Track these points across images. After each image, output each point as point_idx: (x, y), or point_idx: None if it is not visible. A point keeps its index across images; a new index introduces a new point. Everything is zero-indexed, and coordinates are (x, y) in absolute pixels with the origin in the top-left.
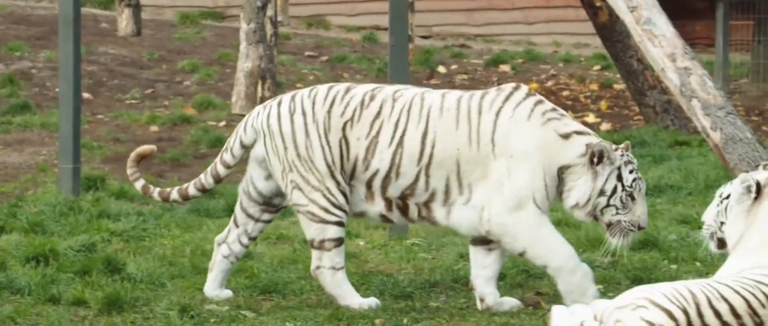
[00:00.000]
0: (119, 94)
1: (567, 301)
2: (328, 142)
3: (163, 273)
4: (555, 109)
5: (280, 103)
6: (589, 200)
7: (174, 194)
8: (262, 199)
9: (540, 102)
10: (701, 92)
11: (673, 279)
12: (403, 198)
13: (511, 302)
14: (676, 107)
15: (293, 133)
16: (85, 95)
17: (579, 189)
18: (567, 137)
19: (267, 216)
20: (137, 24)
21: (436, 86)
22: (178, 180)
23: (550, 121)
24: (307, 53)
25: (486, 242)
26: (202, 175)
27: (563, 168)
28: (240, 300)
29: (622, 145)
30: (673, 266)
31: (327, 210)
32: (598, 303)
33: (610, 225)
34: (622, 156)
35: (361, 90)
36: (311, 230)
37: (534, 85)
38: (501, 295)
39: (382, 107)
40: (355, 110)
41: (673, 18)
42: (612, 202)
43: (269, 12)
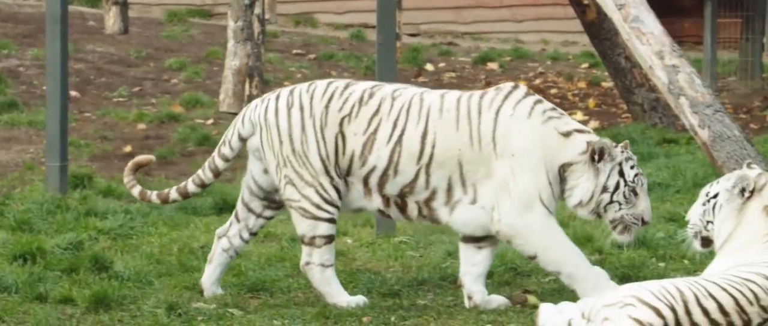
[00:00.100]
0: (107, 92)
1: None
2: (323, 138)
3: (151, 271)
4: (554, 108)
5: (278, 97)
6: (592, 197)
7: (173, 194)
8: (263, 194)
9: (539, 101)
10: (689, 90)
11: (661, 277)
12: (402, 196)
13: (498, 300)
14: (664, 105)
15: (290, 127)
16: (73, 93)
17: (582, 187)
18: (567, 135)
19: (269, 213)
20: (124, 22)
21: (424, 84)
22: (166, 178)
23: (551, 120)
24: (294, 51)
25: (476, 240)
26: (201, 171)
27: (565, 167)
28: (227, 298)
29: (622, 143)
30: (661, 264)
31: (319, 207)
32: (586, 301)
33: (615, 222)
34: (623, 152)
35: (360, 87)
36: (302, 226)
37: (522, 83)
38: (489, 293)
39: (381, 105)
40: (353, 106)
41: (661, 16)
42: (615, 198)
43: (257, 10)
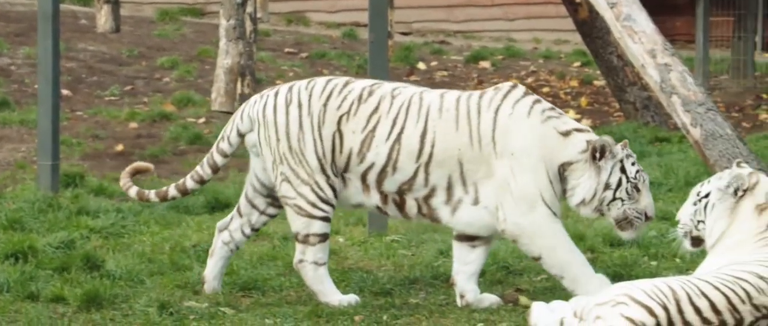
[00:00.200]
0: (98, 90)
1: None
2: (320, 136)
3: (142, 270)
4: (553, 107)
5: (277, 94)
6: (595, 195)
7: (172, 191)
8: (266, 191)
9: (538, 100)
10: (681, 88)
11: (653, 276)
12: (401, 193)
13: (490, 299)
14: (656, 103)
15: (287, 124)
16: (64, 92)
17: (584, 185)
18: (567, 135)
19: (272, 210)
20: (116, 21)
21: (417, 83)
22: (158, 177)
23: (550, 119)
24: (286, 50)
25: (470, 238)
26: (199, 167)
27: (565, 166)
28: (219, 297)
29: (622, 142)
30: (653, 263)
31: (314, 205)
32: (578, 300)
33: (619, 220)
34: (623, 149)
35: (359, 84)
36: (297, 223)
37: (514, 82)
38: (480, 292)
39: (380, 103)
40: (352, 104)
41: (653, 14)
42: (618, 195)
43: (249, 8)
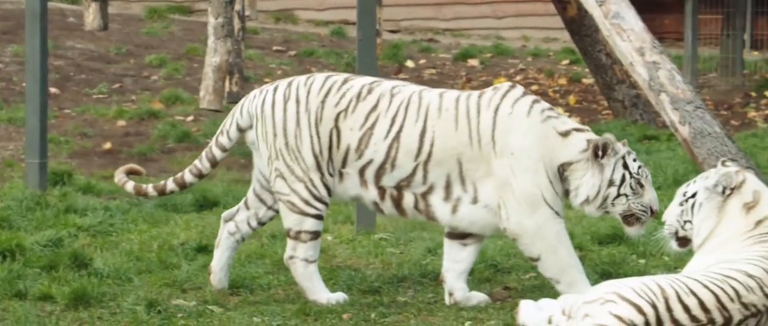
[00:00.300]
0: (86, 88)
1: None
2: (318, 133)
3: (130, 268)
4: (551, 107)
5: (275, 89)
6: (598, 192)
7: (170, 185)
8: (270, 186)
9: (537, 100)
10: (670, 86)
11: (641, 274)
12: (399, 188)
13: (478, 297)
14: (645, 101)
15: (284, 121)
16: (52, 90)
17: (587, 184)
18: (566, 135)
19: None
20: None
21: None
22: (146, 175)
23: (549, 119)
24: (275, 48)
25: (462, 237)
26: (197, 160)
27: (565, 166)
28: (207, 295)
29: (622, 141)
30: (641, 261)
31: (307, 203)
32: (567, 298)
33: (625, 215)
34: (624, 146)
35: (359, 82)
36: (289, 220)
37: (503, 80)
38: (469, 290)
39: (379, 101)
40: (350, 101)
41: (641, 12)
42: (622, 191)
43: (237, 6)
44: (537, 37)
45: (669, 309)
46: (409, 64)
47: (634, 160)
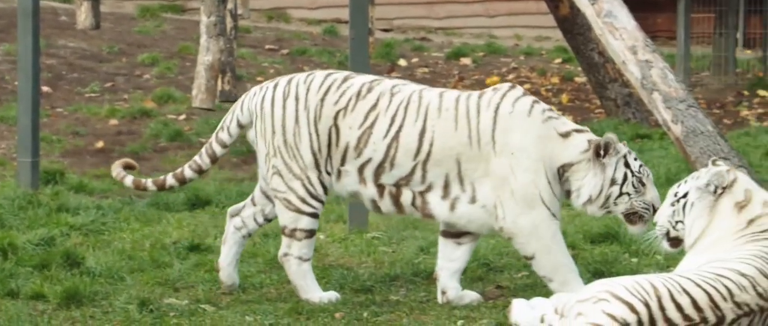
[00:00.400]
0: (79, 87)
1: None
2: (316, 131)
3: (123, 267)
4: (551, 108)
5: (275, 86)
6: (601, 192)
7: (170, 180)
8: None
9: (537, 101)
10: (662, 85)
11: (633, 273)
12: (398, 186)
13: (471, 296)
14: (637, 100)
15: (284, 118)
16: (44, 89)
17: (589, 183)
18: (567, 136)
19: None
20: (96, 17)
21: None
22: (140, 173)
23: (550, 120)
24: (267, 46)
25: (457, 235)
26: (197, 156)
27: (565, 168)
28: (199, 294)
29: (622, 142)
30: (634, 259)
31: (304, 201)
32: (559, 297)
33: (628, 214)
34: (625, 146)
35: (359, 80)
36: (285, 217)
37: (495, 79)
38: (461, 289)
39: (379, 100)
40: (350, 100)
41: (634, 10)
42: (625, 190)
43: (229, 5)
44: (529, 35)
45: (662, 307)
46: (402, 62)
47: (635, 159)
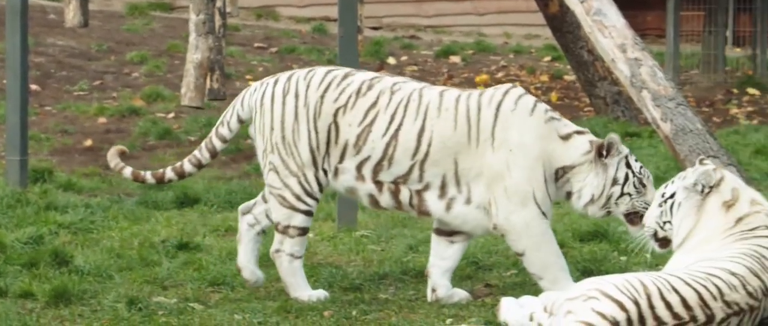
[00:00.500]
0: (67, 85)
1: None
2: (315, 128)
3: (111, 265)
4: (552, 109)
5: (276, 82)
6: (603, 192)
7: (169, 173)
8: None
9: (539, 101)
10: (651, 83)
11: (622, 271)
12: (396, 183)
13: (460, 294)
14: (627, 98)
15: (283, 115)
16: (33, 87)
17: (591, 183)
18: (568, 138)
19: None
20: (85, 15)
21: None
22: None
23: (551, 121)
24: (256, 44)
25: (450, 234)
26: (197, 151)
27: (565, 169)
28: (188, 293)
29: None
30: (623, 258)
31: (299, 198)
32: (548, 295)
33: (628, 214)
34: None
35: (359, 77)
36: (279, 214)
37: (485, 77)
38: (451, 287)
39: (379, 98)
40: (349, 97)
41: (623, 8)
42: (626, 190)
43: (218, 3)
44: (519, 33)
45: (651, 306)
46: (391, 60)
47: (636, 160)
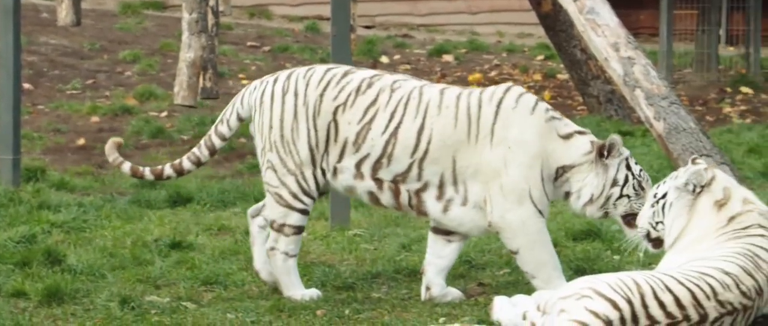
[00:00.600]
0: (60, 84)
1: None
2: (315, 126)
3: (104, 264)
4: (553, 109)
5: (275, 81)
6: (602, 192)
7: (168, 170)
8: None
9: (540, 99)
10: (645, 82)
11: (615, 270)
12: (395, 182)
13: (454, 293)
14: (620, 97)
15: (282, 113)
16: (26, 86)
17: (591, 183)
18: (568, 138)
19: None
20: (77, 14)
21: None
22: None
23: (552, 120)
24: (249, 43)
25: (447, 233)
26: (196, 148)
27: (565, 169)
28: (181, 292)
29: None
30: (616, 257)
31: (295, 197)
32: (541, 294)
33: (626, 216)
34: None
35: (359, 75)
36: (275, 212)
37: (478, 76)
38: (446, 286)
39: (378, 95)
40: (349, 95)
41: (616, 7)
42: (625, 192)
43: (211, 2)
44: (512, 32)
45: (645, 305)
46: (384, 59)
47: (635, 163)
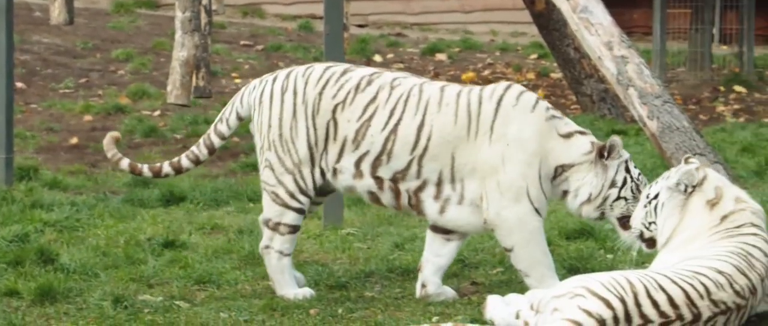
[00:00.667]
0: (53, 83)
1: None
2: (314, 124)
3: (97, 263)
4: (554, 108)
5: (275, 80)
6: (600, 193)
7: (166, 168)
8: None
9: (541, 98)
10: (638, 81)
11: (609, 269)
12: (395, 181)
13: (448, 292)
14: (613, 96)
15: (281, 112)
16: (19, 85)
17: (590, 183)
18: (568, 137)
19: (318, 199)
20: (70, 13)
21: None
22: (112, 170)
23: (553, 119)
24: (242, 42)
25: (446, 231)
26: (195, 146)
27: (564, 168)
28: (174, 291)
29: None
30: (609, 256)
31: (292, 196)
32: (535, 293)
33: (622, 218)
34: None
35: (358, 73)
36: (271, 210)
37: (471, 74)
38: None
39: (378, 93)
40: (348, 93)
41: (610, 6)
42: (622, 194)
43: (204, 1)
44: (505, 31)
45: (638, 304)
46: (377, 58)
47: (635, 167)
